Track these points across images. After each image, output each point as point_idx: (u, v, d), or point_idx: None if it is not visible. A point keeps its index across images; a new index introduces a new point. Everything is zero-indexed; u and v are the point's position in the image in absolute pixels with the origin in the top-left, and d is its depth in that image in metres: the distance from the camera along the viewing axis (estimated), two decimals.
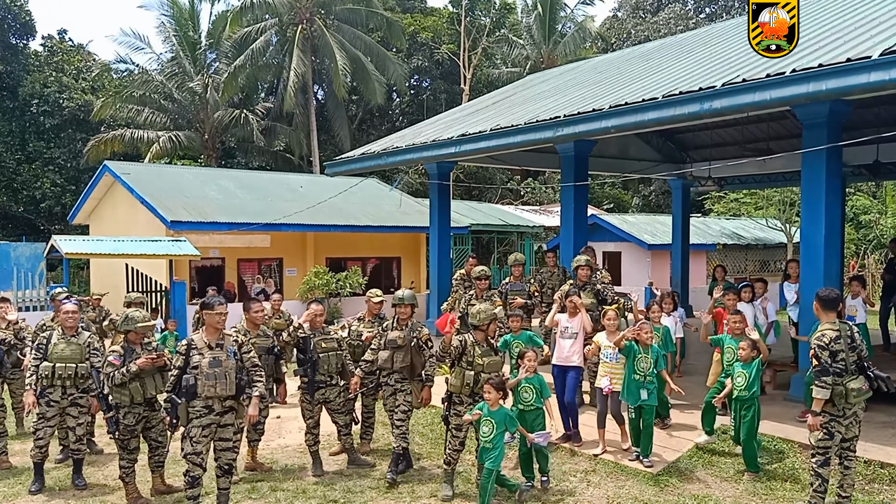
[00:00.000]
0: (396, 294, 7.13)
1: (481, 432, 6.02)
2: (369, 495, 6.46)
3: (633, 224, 22.74)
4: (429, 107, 35.34)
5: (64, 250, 13.35)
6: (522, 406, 6.48)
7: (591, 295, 8.78)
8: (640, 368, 6.91)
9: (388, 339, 6.91)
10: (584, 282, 8.87)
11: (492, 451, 5.94)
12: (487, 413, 5.99)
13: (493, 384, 6.04)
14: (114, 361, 6.12)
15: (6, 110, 33.09)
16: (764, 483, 6.53)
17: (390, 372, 6.92)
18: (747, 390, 6.67)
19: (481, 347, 6.41)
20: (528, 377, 6.47)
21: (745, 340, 6.89)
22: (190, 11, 31.21)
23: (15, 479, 7.06)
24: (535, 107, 11.81)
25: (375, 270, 21.99)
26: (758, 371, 6.73)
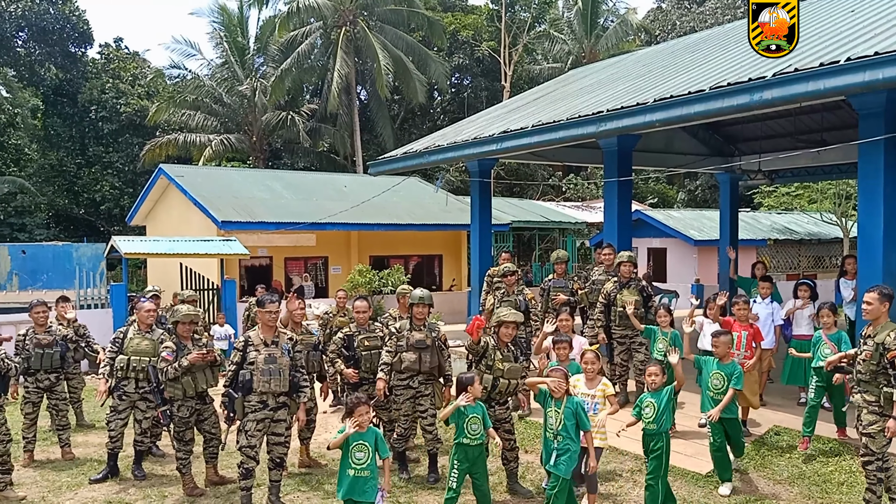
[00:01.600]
0: (414, 293, 6.96)
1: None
2: (413, 490, 6.54)
3: (678, 219, 22.40)
4: (470, 105, 35.39)
5: (123, 250, 13.82)
6: (468, 440, 5.63)
7: (636, 292, 8.65)
8: (550, 426, 5.49)
9: (415, 340, 6.70)
10: (627, 279, 8.76)
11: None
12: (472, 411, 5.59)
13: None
14: (167, 357, 6.37)
15: (67, 116, 34.39)
16: (819, 486, 6.41)
17: (414, 374, 6.75)
18: (655, 423, 5.69)
19: (502, 352, 6.23)
20: (471, 406, 5.62)
21: (654, 364, 5.97)
22: (239, 18, 31.97)
23: (77, 469, 7.38)
24: (578, 102, 11.75)
25: (418, 268, 22.17)
26: (669, 401, 5.79)
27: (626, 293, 8.63)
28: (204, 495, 6.51)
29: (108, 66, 36.79)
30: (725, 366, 6.47)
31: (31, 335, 7.83)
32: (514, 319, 6.29)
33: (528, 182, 33.14)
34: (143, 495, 6.55)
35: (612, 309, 8.72)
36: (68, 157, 34.19)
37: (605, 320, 8.76)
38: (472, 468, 5.67)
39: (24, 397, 7.78)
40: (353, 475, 5.09)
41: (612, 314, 8.73)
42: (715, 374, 6.46)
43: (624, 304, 8.55)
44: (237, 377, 5.90)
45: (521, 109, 13.92)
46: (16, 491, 6.55)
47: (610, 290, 8.79)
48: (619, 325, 8.69)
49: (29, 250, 17.07)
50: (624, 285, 8.70)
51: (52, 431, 8.15)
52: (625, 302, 8.56)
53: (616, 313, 8.65)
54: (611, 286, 8.84)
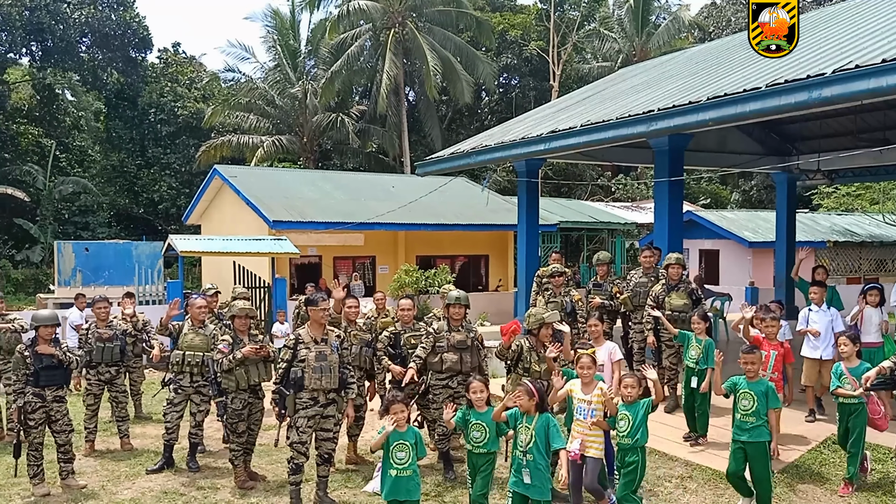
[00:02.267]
0: (451, 294, 6.97)
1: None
2: (459, 491, 6.55)
3: (732, 220, 21.90)
4: (517, 105, 35.27)
5: (179, 249, 14.23)
6: (471, 447, 5.48)
7: (685, 295, 8.48)
8: (519, 443, 5.16)
9: (457, 340, 6.70)
10: (675, 281, 8.61)
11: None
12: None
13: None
14: (223, 349, 6.56)
15: (127, 119, 35.61)
16: (879, 497, 6.20)
17: (454, 374, 6.74)
18: (630, 437, 5.42)
19: (538, 353, 6.19)
20: (476, 412, 5.50)
21: (630, 376, 5.62)
22: (291, 21, 32.60)
23: (135, 459, 7.64)
24: (628, 101, 11.61)
25: (464, 268, 22.20)
26: (645, 414, 5.45)
27: (675, 296, 8.49)
28: (254, 489, 6.65)
29: (167, 70, 37.95)
30: (755, 384, 5.85)
31: (93, 329, 8.15)
32: (552, 321, 6.27)
33: (576, 182, 32.84)
34: (196, 486, 6.75)
35: (661, 311, 8.58)
36: (129, 159, 35.39)
37: (654, 323, 8.63)
38: (480, 475, 5.47)
39: (87, 389, 8.09)
40: (395, 475, 5.11)
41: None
42: (744, 394, 5.82)
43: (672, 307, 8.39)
44: (288, 374, 6.02)
45: (570, 109, 13.82)
46: (77, 479, 6.82)
47: (658, 293, 8.66)
48: None
49: (91, 248, 17.70)
50: (672, 288, 8.55)
51: (113, 422, 8.46)
52: (672, 305, 8.41)
53: (664, 316, 8.51)
54: (659, 288, 8.70)
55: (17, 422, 6.52)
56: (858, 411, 6.30)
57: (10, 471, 6.82)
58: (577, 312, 9.17)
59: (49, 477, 6.75)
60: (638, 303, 9.21)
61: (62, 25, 32.60)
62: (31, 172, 31.55)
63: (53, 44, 33.21)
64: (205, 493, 6.58)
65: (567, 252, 26.55)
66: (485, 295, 20.34)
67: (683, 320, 8.26)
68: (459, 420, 5.50)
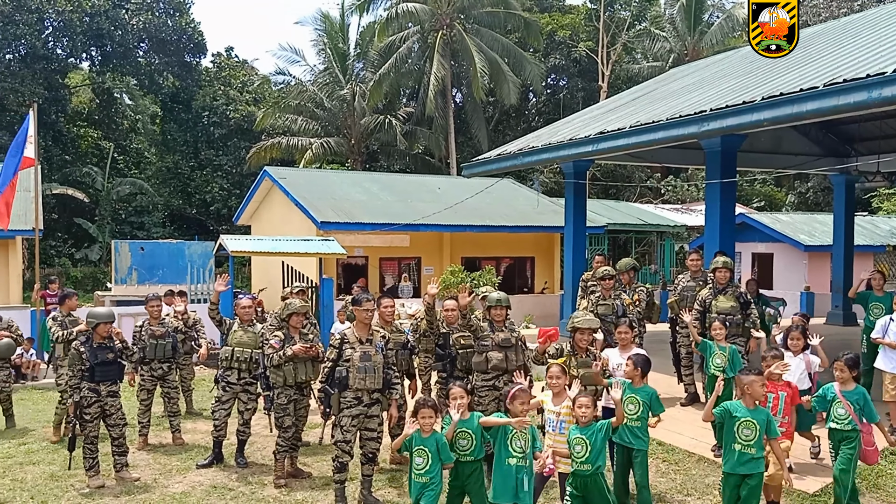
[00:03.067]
0: (491, 295, 6.96)
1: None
2: None
3: (787, 223, 21.31)
4: (565, 106, 35.00)
5: (230, 248, 14.52)
6: (457, 456, 5.21)
7: (732, 299, 8.29)
8: (516, 448, 5.02)
9: (501, 339, 6.68)
10: (723, 285, 8.41)
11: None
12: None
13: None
14: (274, 345, 6.67)
15: (182, 122, 36.60)
16: None
17: (500, 374, 6.68)
18: (589, 463, 5.07)
19: (577, 358, 6.06)
20: (462, 420, 5.21)
21: (585, 395, 5.28)
22: (340, 25, 33.02)
23: (186, 454, 7.82)
24: (679, 101, 11.41)
25: (509, 270, 22.12)
26: (605, 438, 5.16)
27: (722, 299, 8.31)
28: (288, 486, 6.73)
29: (220, 74, 38.86)
30: (755, 412, 5.25)
31: (146, 327, 8.37)
32: (589, 326, 6.14)
33: (624, 184, 32.43)
34: (245, 482, 6.87)
35: (708, 315, 8.39)
36: (183, 161, 36.36)
37: (700, 328, 8.44)
38: (467, 486, 5.20)
39: (140, 385, 8.32)
40: (415, 480, 5.07)
41: (707, 321, 8.39)
42: (745, 423, 5.19)
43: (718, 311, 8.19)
44: (333, 373, 6.08)
45: (619, 110, 13.65)
46: (131, 472, 7.01)
47: (705, 297, 8.48)
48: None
49: (146, 247, 18.24)
50: (720, 291, 8.37)
51: (165, 418, 8.68)
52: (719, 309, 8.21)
53: (710, 320, 8.32)
54: (706, 292, 8.52)
55: (72, 416, 6.73)
56: (852, 441, 5.69)
57: (67, 463, 7.05)
58: (627, 316, 9.05)
59: (104, 469, 6.95)
60: (685, 307, 9.03)
61: (121, 31, 33.66)
62: (91, 174, 32.65)
63: (112, 49, 34.31)
64: (252, 489, 6.69)
65: (615, 254, 26.22)
66: (530, 297, 20.25)
67: (730, 324, 8.08)
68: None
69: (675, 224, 24.98)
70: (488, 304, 6.91)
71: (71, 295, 9.01)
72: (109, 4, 33.25)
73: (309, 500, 6.45)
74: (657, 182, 32.31)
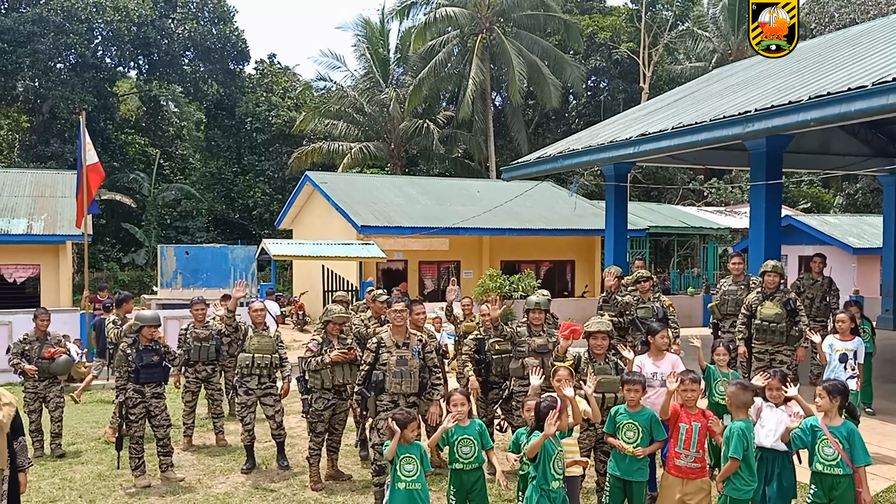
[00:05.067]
0: (530, 299, 6.88)
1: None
2: None
3: (834, 225, 20.75)
4: (606, 108, 34.67)
5: (272, 252, 14.74)
6: (461, 465, 5.15)
7: (779, 305, 8.06)
8: (557, 471, 4.84)
9: (537, 345, 6.61)
10: (771, 290, 8.20)
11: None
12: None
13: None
14: (312, 348, 6.72)
15: (225, 128, 37.33)
16: None
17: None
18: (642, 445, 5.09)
19: (596, 364, 5.87)
20: (464, 426, 5.19)
21: (633, 377, 5.21)
22: (381, 30, 33.29)
23: (229, 455, 7.95)
24: (722, 102, 11.22)
25: (549, 273, 21.98)
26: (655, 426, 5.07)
27: (768, 304, 8.09)
28: (328, 488, 6.78)
29: (263, 80, 39.53)
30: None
31: (191, 330, 8.53)
32: (599, 329, 5.95)
33: (666, 186, 31.94)
34: (286, 484, 6.95)
35: (752, 321, 8.18)
36: (226, 166, 37.07)
37: (745, 333, 8.24)
38: (470, 497, 5.14)
39: (185, 387, 8.48)
40: (403, 488, 4.99)
41: (752, 327, 8.19)
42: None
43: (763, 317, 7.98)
44: (370, 377, 6.12)
45: (661, 111, 13.48)
46: (176, 472, 7.15)
47: (752, 302, 8.27)
48: (759, 339, 8.14)
49: (191, 251, 18.59)
50: (767, 296, 8.16)
51: (209, 419, 8.82)
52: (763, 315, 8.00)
53: (755, 326, 8.12)
54: (753, 297, 8.31)
55: (118, 416, 6.89)
56: (843, 488, 4.80)
57: (114, 463, 7.22)
58: (668, 318, 8.90)
59: (150, 469, 7.11)
60: (727, 311, 8.86)
61: (167, 40, 34.49)
62: (138, 180, 33.48)
63: (159, 57, 35.18)
64: (294, 490, 6.76)
65: (657, 258, 25.87)
66: (570, 301, 20.09)
67: (774, 331, 7.88)
68: (442, 440, 5.27)
69: (719, 227, 24.53)
70: (526, 307, 6.88)
71: (128, 298, 9.14)
72: (156, 14, 34.10)
73: (349, 502, 6.50)
74: (700, 184, 31.77)
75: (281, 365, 7.45)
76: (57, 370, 8.15)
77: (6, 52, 30.83)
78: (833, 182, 33.09)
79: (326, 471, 7.04)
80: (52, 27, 31.07)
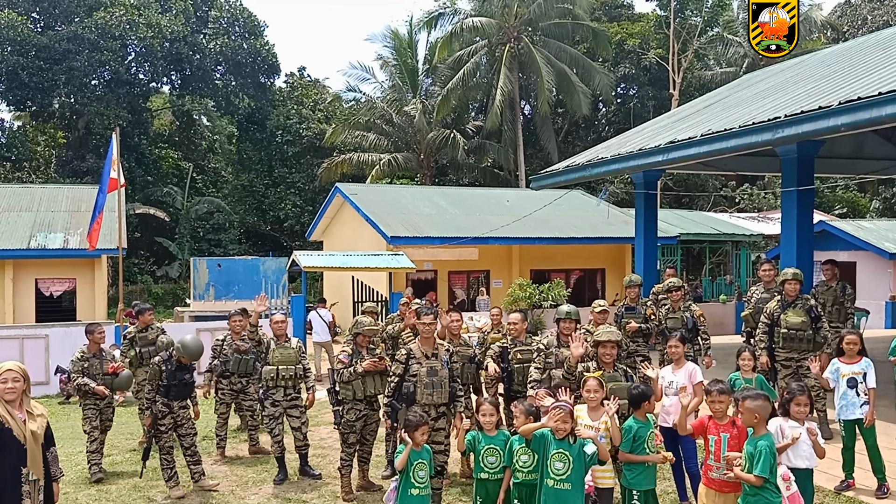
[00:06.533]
0: (561, 308, 6.83)
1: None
2: None
3: (870, 230, 20.35)
4: (636, 115, 34.46)
5: (302, 264, 14.89)
6: (486, 475, 5.23)
7: (803, 313, 7.91)
8: (555, 472, 4.83)
9: (564, 357, 6.39)
10: (792, 298, 8.05)
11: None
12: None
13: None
14: (343, 360, 6.78)
15: (257, 141, 37.87)
16: None
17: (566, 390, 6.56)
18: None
19: (606, 373, 5.76)
20: (488, 435, 5.29)
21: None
22: (409, 41, 33.51)
23: (262, 466, 8.03)
24: (752, 108, 11.10)
25: (579, 282, 21.86)
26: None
27: (791, 313, 7.95)
28: (359, 499, 6.80)
29: (293, 93, 40.05)
30: (755, 439, 4.75)
31: (229, 341, 8.63)
32: (609, 338, 5.87)
33: (697, 193, 31.62)
34: (317, 494, 7.00)
35: (776, 330, 8.05)
36: (257, 179, 37.58)
37: (767, 342, 8.10)
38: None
39: (219, 398, 8.56)
40: (416, 493, 5.11)
41: (776, 335, 8.06)
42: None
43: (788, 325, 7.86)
44: (400, 388, 6.15)
45: (691, 118, 13.38)
46: (208, 480, 7.26)
47: (773, 310, 8.14)
48: (784, 348, 8.01)
49: (224, 264, 18.89)
50: (789, 305, 8.02)
51: (242, 430, 8.90)
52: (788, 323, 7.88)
53: (780, 335, 7.99)
54: (774, 305, 8.18)
55: (149, 427, 7.00)
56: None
57: (145, 473, 7.33)
58: (698, 328, 8.81)
59: (183, 481, 7.21)
60: (759, 319, 8.72)
61: (199, 55, 35.16)
62: (171, 193, 34.10)
63: (191, 72, 35.87)
64: (325, 501, 6.81)
65: (688, 265, 25.59)
66: None
67: (801, 339, 7.78)
68: (468, 444, 5.34)
69: (751, 233, 24.19)
70: (556, 317, 6.83)
71: (144, 311, 9.31)
72: (188, 30, 34.80)
73: None
74: (732, 190, 31.39)
75: (305, 376, 7.52)
76: (121, 385, 8.09)
77: (42, 70, 31.72)
78: (869, 186, 32.49)
79: (358, 481, 7.07)
80: (86, 44, 31.90)
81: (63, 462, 5.16)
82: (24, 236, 18.74)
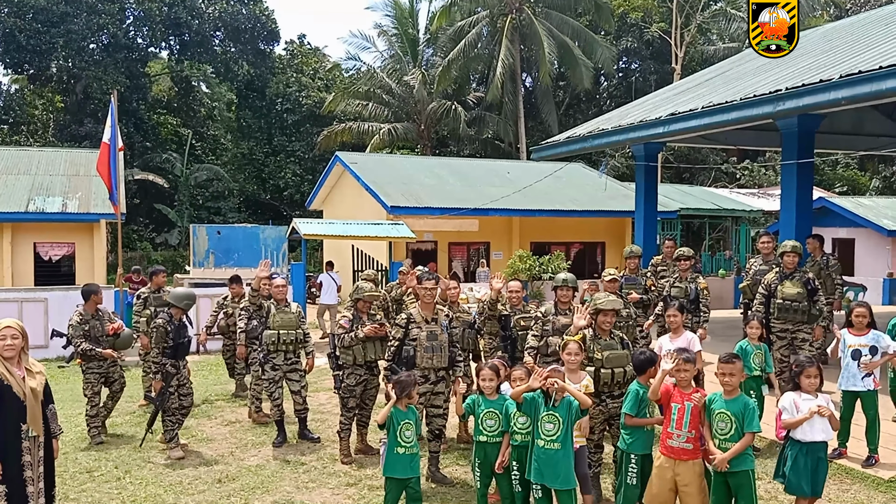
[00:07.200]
0: (558, 276, 6.84)
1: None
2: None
3: (869, 207, 20.40)
4: (638, 89, 34.25)
5: (302, 232, 14.91)
6: (485, 437, 5.35)
7: (799, 284, 8.01)
8: (546, 432, 4.90)
9: (562, 324, 6.44)
10: (790, 270, 8.15)
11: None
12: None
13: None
14: (344, 325, 6.84)
15: (256, 109, 37.62)
16: None
17: (559, 359, 6.42)
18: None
19: (602, 340, 5.76)
20: (488, 399, 5.41)
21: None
22: (410, 10, 33.14)
23: (261, 429, 8.15)
24: (753, 81, 11.07)
25: (579, 255, 21.92)
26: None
27: (788, 284, 8.05)
28: (358, 462, 6.92)
29: (293, 61, 39.69)
30: (732, 402, 4.83)
31: (228, 303, 8.75)
32: (612, 307, 5.86)
33: (698, 167, 31.57)
34: (316, 457, 7.11)
35: (772, 301, 8.14)
36: (257, 147, 37.41)
37: (763, 313, 8.19)
38: (487, 467, 5.33)
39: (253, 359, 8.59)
40: (403, 453, 5.20)
41: (772, 306, 8.15)
42: (720, 414, 4.82)
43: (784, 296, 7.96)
44: (400, 353, 6.22)
45: (692, 91, 13.34)
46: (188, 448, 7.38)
47: (770, 281, 8.23)
48: (780, 319, 8.11)
49: (223, 231, 18.88)
50: (786, 276, 8.11)
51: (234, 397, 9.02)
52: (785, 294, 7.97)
53: (776, 306, 8.09)
54: (772, 276, 8.26)
55: (159, 392, 7.01)
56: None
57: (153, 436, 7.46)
58: (700, 301, 8.86)
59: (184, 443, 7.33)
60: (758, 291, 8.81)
61: (198, 20, 34.79)
62: (171, 160, 33.97)
63: (190, 38, 35.52)
64: (324, 464, 6.93)
65: (688, 240, 25.63)
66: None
67: (796, 310, 7.90)
68: (468, 408, 5.47)
69: (752, 209, 24.22)
70: (554, 285, 6.85)
71: (158, 272, 9.42)
72: None
73: (378, 475, 6.62)
74: (733, 166, 31.34)
75: (304, 341, 7.59)
76: (122, 345, 8.05)
77: (40, 33, 31.37)
78: (869, 164, 32.46)
79: (356, 445, 7.18)
80: (84, 7, 31.53)
81: (62, 423, 5.22)
82: (22, 199, 18.67)
